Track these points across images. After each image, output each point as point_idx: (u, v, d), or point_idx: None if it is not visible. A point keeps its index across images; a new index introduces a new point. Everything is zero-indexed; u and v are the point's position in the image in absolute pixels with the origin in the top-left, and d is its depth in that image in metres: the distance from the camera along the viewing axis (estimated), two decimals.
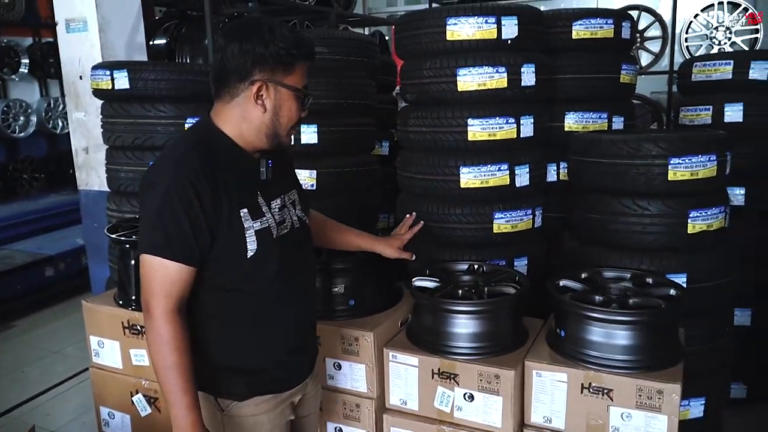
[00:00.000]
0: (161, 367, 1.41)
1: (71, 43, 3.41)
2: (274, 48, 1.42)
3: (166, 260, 1.39)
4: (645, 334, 1.83)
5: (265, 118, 1.48)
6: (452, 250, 2.52)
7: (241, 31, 1.46)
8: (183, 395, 1.41)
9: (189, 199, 1.38)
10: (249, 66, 1.43)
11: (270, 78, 1.45)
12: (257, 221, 1.49)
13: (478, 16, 2.37)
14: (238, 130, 1.49)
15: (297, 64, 1.48)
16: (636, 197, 2.25)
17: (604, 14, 2.82)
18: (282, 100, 1.48)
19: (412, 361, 2.02)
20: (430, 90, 2.47)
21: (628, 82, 2.93)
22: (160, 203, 1.39)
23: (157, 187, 1.41)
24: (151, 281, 1.40)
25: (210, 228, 1.41)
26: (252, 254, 1.47)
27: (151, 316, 1.41)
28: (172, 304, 1.40)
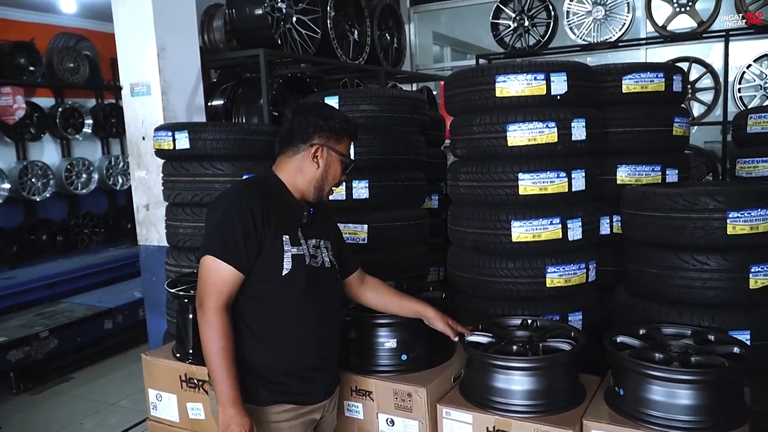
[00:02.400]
0: (210, 351, 1.67)
1: (135, 105, 3.61)
2: (332, 122, 1.85)
3: (222, 262, 1.70)
4: (709, 394, 1.76)
5: (317, 174, 1.85)
6: (504, 304, 2.50)
7: (308, 107, 1.90)
8: (228, 375, 1.67)
9: (244, 218, 1.71)
10: (311, 132, 1.83)
11: (325, 143, 1.84)
12: (295, 247, 1.80)
13: (527, 74, 2.42)
14: (293, 180, 1.86)
15: (345, 136, 1.89)
16: (694, 252, 2.20)
17: (653, 68, 2.84)
18: (332, 162, 1.86)
19: (466, 419, 1.99)
20: (480, 145, 2.51)
21: (681, 135, 2.91)
22: (221, 218, 1.73)
23: (220, 207, 1.77)
24: (207, 280, 1.71)
25: (258, 243, 1.72)
26: (286, 272, 1.77)
27: (204, 309, 1.69)
28: (222, 301, 1.69)
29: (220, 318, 1.68)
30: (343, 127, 1.87)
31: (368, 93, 3.10)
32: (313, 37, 4.36)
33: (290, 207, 1.85)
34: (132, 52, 3.57)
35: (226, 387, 1.68)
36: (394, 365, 2.19)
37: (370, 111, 2.87)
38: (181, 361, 2.30)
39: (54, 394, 4.39)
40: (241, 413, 1.69)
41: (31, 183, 5.78)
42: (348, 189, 2.89)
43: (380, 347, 2.20)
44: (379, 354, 2.20)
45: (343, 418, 2.20)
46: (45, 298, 5.34)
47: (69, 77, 6.05)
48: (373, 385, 2.14)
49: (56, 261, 5.92)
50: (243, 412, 1.69)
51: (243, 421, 1.68)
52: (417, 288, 2.54)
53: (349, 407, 2.19)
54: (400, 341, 2.19)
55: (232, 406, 1.68)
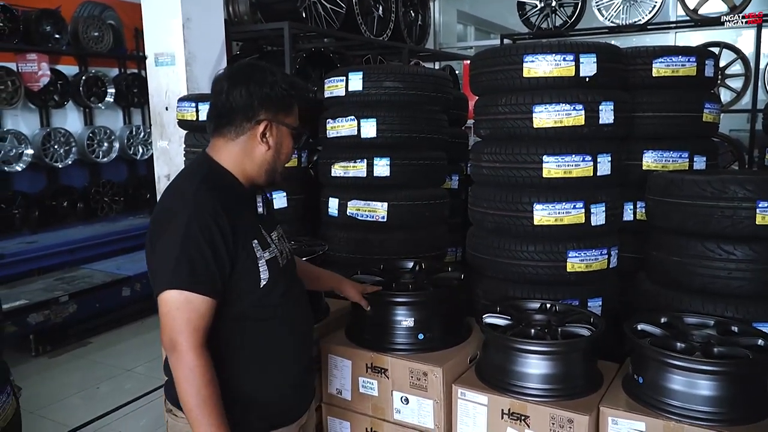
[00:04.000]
0: (194, 403, 1.40)
1: (159, 76, 3.61)
2: (279, 90, 1.52)
3: (193, 294, 1.40)
4: (731, 386, 1.74)
5: (268, 155, 1.56)
6: (523, 287, 2.49)
7: (245, 74, 1.54)
8: (219, 425, 1.41)
9: (211, 233, 1.42)
10: (256, 105, 1.51)
11: (273, 118, 1.54)
12: (266, 251, 1.56)
13: (556, 54, 2.37)
14: (240, 166, 1.56)
15: (293, 104, 1.58)
16: (721, 241, 2.15)
17: (686, 52, 2.76)
18: (282, 138, 1.57)
19: (481, 400, 1.99)
20: (505, 126, 2.47)
21: (711, 121, 2.84)
22: (182, 237, 1.40)
23: (176, 221, 1.43)
24: (177, 318, 1.40)
25: (231, 259, 1.46)
26: (264, 283, 1.53)
27: (179, 353, 1.40)
28: (200, 338, 1.42)
29: (202, 359, 1.40)
30: (291, 94, 1.54)
31: (393, 69, 3.06)
32: (338, 12, 4.31)
33: (245, 201, 1.58)
34: (157, 22, 3.57)
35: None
36: (411, 344, 2.19)
37: (394, 88, 2.83)
38: None
39: (72, 358, 4.47)
40: None
41: (54, 150, 5.82)
42: (369, 166, 2.86)
43: (397, 325, 2.20)
44: (396, 332, 2.20)
45: (357, 395, 2.21)
46: (65, 263, 5.41)
47: (93, 46, 6.05)
48: (389, 363, 2.14)
49: (77, 227, 5.98)
50: None
51: None
52: (435, 268, 2.54)
53: (364, 384, 2.20)
54: (417, 320, 2.19)
55: None
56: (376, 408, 2.18)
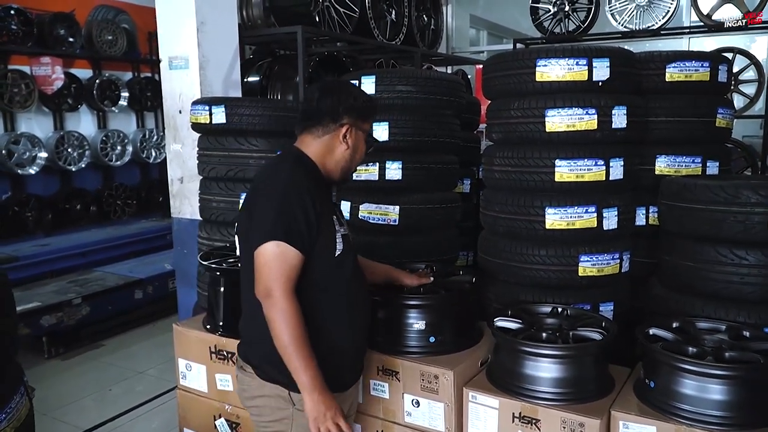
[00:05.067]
0: (288, 341, 1.62)
1: (173, 79, 3.64)
2: (360, 101, 1.84)
3: (288, 246, 1.64)
4: (742, 390, 1.74)
5: (346, 154, 1.84)
6: (535, 291, 2.49)
7: (335, 86, 1.90)
8: (310, 362, 1.63)
9: (303, 200, 1.68)
10: (341, 111, 1.80)
11: (354, 123, 1.82)
12: (342, 228, 1.82)
13: (569, 58, 2.37)
14: (322, 160, 1.83)
15: (371, 116, 1.90)
16: (733, 246, 2.14)
17: (699, 57, 2.75)
18: (359, 142, 1.85)
19: (492, 403, 1.99)
20: (518, 130, 2.47)
21: (724, 126, 2.83)
22: (280, 201, 1.68)
23: (277, 189, 1.71)
24: (273, 266, 1.64)
25: (317, 224, 1.70)
26: (338, 253, 1.77)
27: (273, 298, 1.63)
28: (291, 286, 1.65)
29: (293, 304, 1.64)
30: (369, 107, 1.87)
31: (405, 73, 3.07)
32: (351, 16, 4.33)
33: (324, 187, 1.86)
34: (172, 26, 3.59)
35: (310, 376, 1.64)
36: (422, 347, 2.20)
37: (407, 92, 2.84)
38: (211, 332, 2.33)
39: (84, 360, 4.51)
40: (331, 399, 1.66)
41: (68, 153, 5.88)
42: (381, 170, 2.87)
43: (409, 328, 2.21)
44: (408, 335, 2.21)
45: (368, 397, 2.22)
46: (78, 266, 5.46)
47: (107, 49, 6.11)
48: (400, 366, 2.15)
49: (90, 230, 6.03)
50: (332, 397, 1.67)
51: (333, 405, 1.66)
52: (446, 272, 2.54)
53: (375, 386, 2.21)
54: (428, 323, 2.20)
55: (321, 393, 1.65)
56: (387, 410, 2.19)
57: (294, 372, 1.65)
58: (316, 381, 1.64)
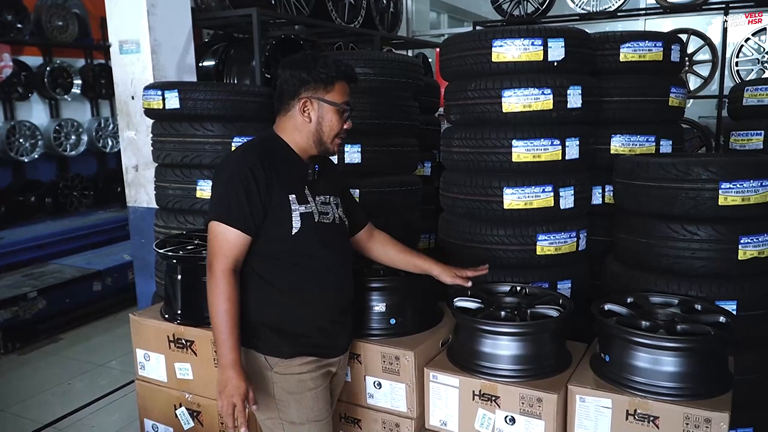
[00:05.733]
0: (215, 313, 1.71)
1: (124, 64, 3.53)
2: (315, 72, 1.80)
3: (227, 226, 1.73)
4: (693, 361, 1.78)
5: (311, 127, 1.84)
6: (494, 271, 2.49)
7: (293, 61, 1.86)
8: (229, 337, 1.71)
9: (246, 179, 1.73)
10: (296, 86, 1.81)
11: (313, 95, 1.81)
12: (302, 206, 1.82)
13: (524, 39, 2.38)
14: (293, 138, 1.86)
15: (336, 83, 1.83)
16: (685, 222, 2.20)
17: (653, 37, 2.80)
18: (324, 113, 1.83)
19: (452, 382, 2.00)
20: (475, 111, 2.48)
21: (677, 106, 2.89)
22: (224, 183, 1.77)
23: (223, 172, 1.80)
24: (215, 244, 1.75)
25: (263, 205, 1.75)
26: (296, 231, 1.80)
27: (212, 272, 1.73)
28: (229, 264, 1.73)
29: (227, 281, 1.72)
30: (330, 75, 1.81)
31: (362, 56, 3.04)
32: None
33: (295, 166, 1.86)
34: (121, 8, 3.48)
35: (226, 349, 1.71)
36: (383, 329, 2.20)
37: (364, 74, 2.81)
38: (169, 321, 2.29)
39: (43, 355, 4.39)
40: (239, 376, 1.70)
41: (19, 143, 5.69)
42: (340, 153, 2.85)
43: (369, 311, 2.20)
44: (368, 317, 2.20)
45: None
46: (34, 259, 5.30)
47: (57, 35, 5.91)
48: (362, 348, 2.14)
49: (45, 223, 5.86)
50: (241, 375, 1.71)
51: (240, 384, 1.70)
52: None
53: None
54: (389, 305, 2.19)
55: (232, 368, 1.70)
56: (350, 393, 2.19)
57: (215, 342, 1.74)
58: (230, 357, 1.70)
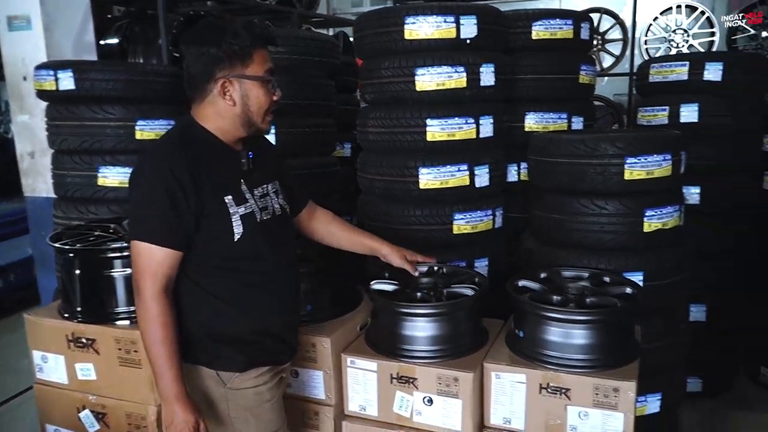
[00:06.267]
0: (150, 342, 1.53)
1: (14, 41, 3.25)
2: (227, 45, 1.55)
3: (152, 245, 1.52)
4: (601, 333, 1.82)
5: (236, 110, 1.60)
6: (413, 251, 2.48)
7: (197, 36, 1.61)
8: (169, 368, 1.53)
9: (171, 189, 1.50)
10: (209, 67, 1.56)
11: (230, 73, 1.56)
12: (241, 206, 1.61)
13: (436, 15, 2.35)
14: (216, 125, 1.62)
15: (253, 53, 1.59)
16: (593, 197, 2.24)
17: (563, 15, 2.83)
18: (248, 90, 1.59)
19: (370, 366, 1.97)
20: (389, 90, 2.44)
21: (587, 83, 2.95)
22: (144, 193, 1.54)
23: (141, 179, 1.56)
24: (139, 264, 1.53)
25: (194, 214, 1.53)
26: (239, 237, 1.60)
27: (140, 296, 1.53)
28: (159, 285, 1.53)
29: (158, 303, 1.52)
30: (245, 45, 1.56)
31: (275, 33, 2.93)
32: None
33: (225, 157, 1.63)
34: None
35: (168, 380, 1.54)
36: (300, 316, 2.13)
37: (275, 53, 2.66)
38: (68, 320, 2.14)
39: None
40: (186, 408, 1.55)
41: None
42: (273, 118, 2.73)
43: None
44: None
45: None
46: None
47: None
48: None
49: None
50: (188, 407, 1.56)
51: (187, 417, 1.55)
52: None
53: None
54: (304, 291, 2.13)
55: (176, 401, 1.54)
56: None
57: (155, 375, 1.56)
58: (174, 391, 1.54)
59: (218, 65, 1.55)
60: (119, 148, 2.70)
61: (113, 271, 2.12)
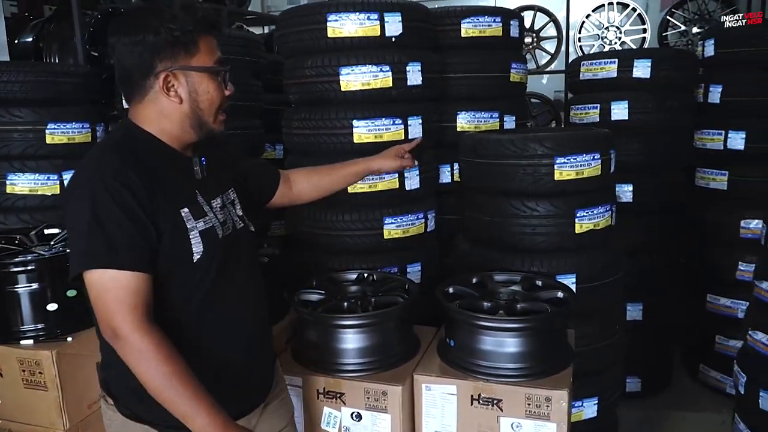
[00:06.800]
0: (157, 385, 1.23)
1: None
2: (168, 32, 1.28)
3: (116, 271, 1.22)
4: (532, 341, 1.78)
5: (184, 109, 1.34)
6: (343, 258, 2.40)
7: (129, 25, 1.32)
8: (198, 402, 1.23)
9: (123, 200, 1.23)
10: (147, 58, 1.30)
11: (173, 65, 1.31)
12: (200, 221, 1.35)
13: (360, 12, 2.26)
14: (160, 128, 1.35)
15: (199, 40, 1.33)
16: (524, 198, 2.20)
17: (492, 12, 2.80)
18: (196, 84, 1.34)
19: (296, 382, 1.88)
20: (313, 90, 2.34)
21: (518, 81, 2.92)
22: (91, 209, 1.22)
23: (83, 193, 1.25)
24: (106, 300, 1.22)
25: (154, 225, 1.26)
26: (198, 257, 1.33)
27: (121, 338, 1.22)
28: (141, 316, 1.23)
29: (149, 336, 1.21)
30: (187, 30, 1.30)
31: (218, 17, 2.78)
32: None
33: (175, 164, 1.37)
34: None
35: (204, 417, 1.22)
36: None
37: None
38: None
39: None
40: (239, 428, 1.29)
41: None
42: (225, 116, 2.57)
43: None
44: None
45: None
46: None
47: None
48: None
49: None
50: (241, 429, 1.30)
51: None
52: None
53: None
54: None
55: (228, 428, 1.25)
56: None
57: (183, 419, 1.24)
58: (216, 420, 1.24)
59: (158, 55, 1.29)
60: (28, 154, 2.55)
61: (17, 287, 1.95)
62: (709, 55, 3.19)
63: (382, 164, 1.96)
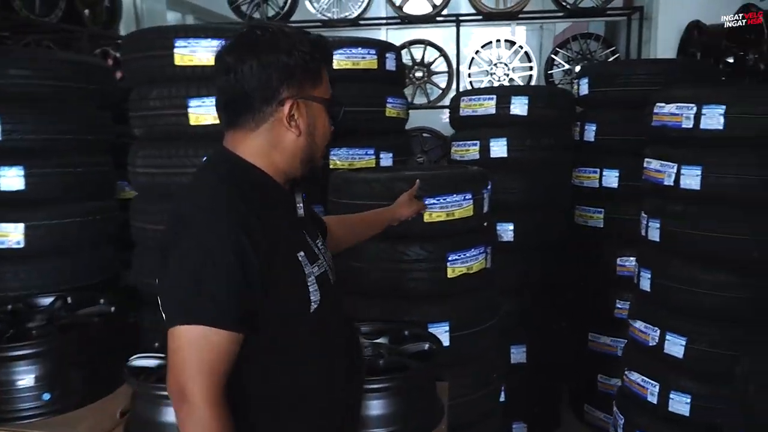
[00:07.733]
0: None
1: None
2: (299, 54, 1.16)
3: (213, 329, 1.05)
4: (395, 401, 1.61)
5: (300, 142, 1.21)
6: None
7: (252, 43, 1.17)
8: None
9: (240, 247, 1.07)
10: (275, 83, 1.15)
11: (299, 93, 1.18)
12: (315, 265, 1.21)
13: (212, 39, 2.06)
14: (269, 161, 1.21)
15: (321, 70, 1.24)
16: (393, 242, 2.05)
17: (366, 44, 2.69)
18: (315, 117, 1.23)
19: None
20: (159, 123, 2.11)
21: (395, 116, 2.80)
22: (199, 258, 1.07)
23: (191, 237, 1.09)
24: (189, 358, 1.06)
25: (263, 282, 1.10)
26: (315, 306, 1.19)
27: (190, 404, 1.05)
28: (217, 386, 1.07)
29: (218, 412, 1.06)
30: (315, 57, 1.20)
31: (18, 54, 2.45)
32: None
33: (283, 203, 1.23)
34: None
35: None
36: (36, 408, 1.72)
37: (23, 77, 2.23)
38: None
39: None
40: None
41: None
42: None
43: (12, 387, 1.70)
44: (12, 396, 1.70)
45: None
46: None
47: None
48: None
49: None
50: None
51: None
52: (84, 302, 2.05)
53: None
54: (39, 376, 1.70)
55: None
56: None
57: None
58: None
59: (287, 80, 1.16)
60: None
61: None
62: (584, 93, 3.21)
63: (403, 212, 1.85)
